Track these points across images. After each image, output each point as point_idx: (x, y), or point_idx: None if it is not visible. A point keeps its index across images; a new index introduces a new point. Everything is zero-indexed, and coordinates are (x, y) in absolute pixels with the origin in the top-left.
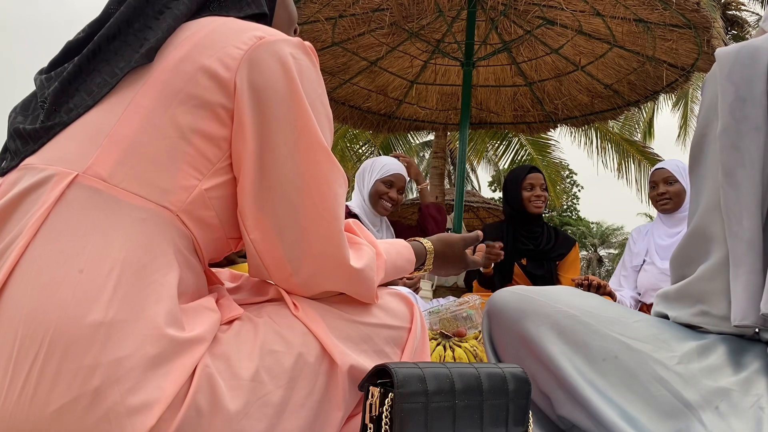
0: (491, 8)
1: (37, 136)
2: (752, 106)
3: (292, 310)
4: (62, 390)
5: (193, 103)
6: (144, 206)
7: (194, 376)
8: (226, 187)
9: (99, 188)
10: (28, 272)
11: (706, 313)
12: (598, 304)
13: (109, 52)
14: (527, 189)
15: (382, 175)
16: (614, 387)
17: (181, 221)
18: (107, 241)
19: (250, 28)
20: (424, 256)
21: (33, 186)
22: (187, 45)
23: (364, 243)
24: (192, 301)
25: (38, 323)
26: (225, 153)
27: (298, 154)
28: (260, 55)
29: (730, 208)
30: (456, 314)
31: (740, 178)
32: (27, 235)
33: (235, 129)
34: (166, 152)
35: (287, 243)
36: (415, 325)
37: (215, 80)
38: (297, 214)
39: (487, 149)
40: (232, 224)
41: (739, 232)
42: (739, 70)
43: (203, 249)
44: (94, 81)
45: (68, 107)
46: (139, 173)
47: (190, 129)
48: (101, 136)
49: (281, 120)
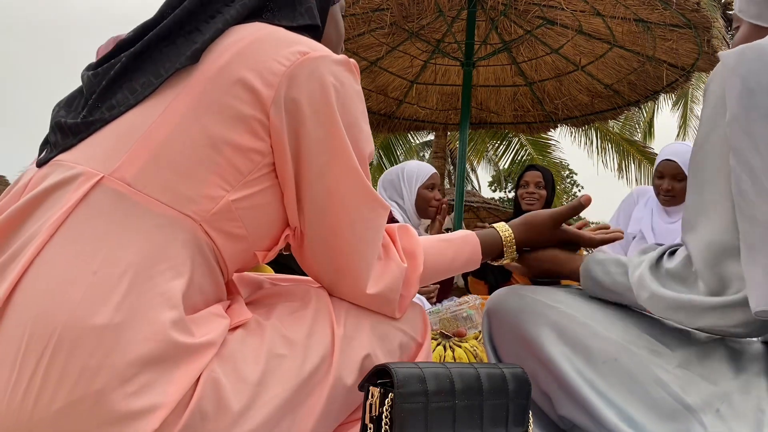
0: (491, 8)
1: (78, 130)
2: (761, 96)
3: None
4: (66, 390)
5: (228, 113)
6: (165, 213)
7: (200, 381)
8: (255, 199)
9: (123, 192)
10: (42, 272)
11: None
12: (597, 305)
13: (157, 52)
14: (522, 186)
15: (423, 181)
16: (615, 389)
17: (203, 230)
18: (123, 244)
19: (296, 41)
20: (500, 246)
21: (59, 184)
22: (230, 53)
23: (395, 260)
24: (205, 308)
25: (46, 323)
26: (257, 165)
27: (329, 176)
28: (302, 73)
29: (744, 191)
30: (456, 314)
31: (754, 163)
32: (45, 234)
33: (275, 147)
34: (195, 160)
35: (319, 258)
36: (426, 342)
37: (253, 94)
38: (325, 234)
39: (487, 149)
40: (260, 236)
41: (756, 215)
42: (745, 64)
43: (227, 260)
44: (138, 80)
45: (110, 104)
46: (165, 179)
47: (223, 140)
48: (133, 138)
49: (315, 141)
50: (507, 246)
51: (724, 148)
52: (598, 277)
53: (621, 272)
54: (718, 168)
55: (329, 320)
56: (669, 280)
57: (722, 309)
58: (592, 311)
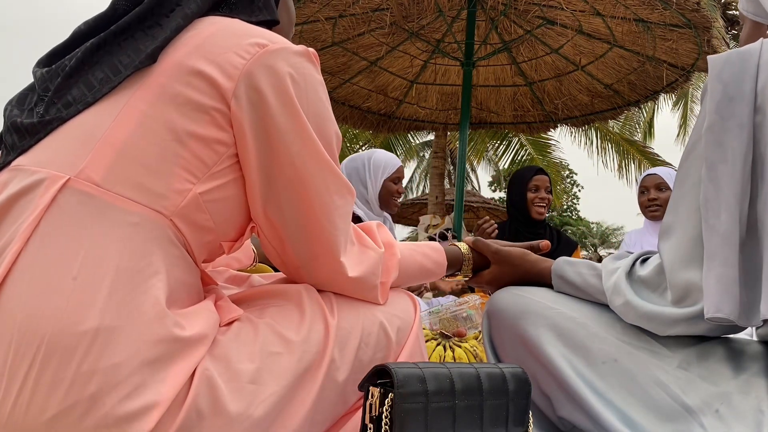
0: (491, 8)
1: (34, 131)
2: (739, 104)
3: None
4: (59, 397)
5: (189, 106)
6: (137, 211)
7: (194, 379)
8: (222, 191)
9: (91, 193)
10: (21, 280)
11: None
12: (597, 306)
13: (114, 45)
14: (532, 190)
15: (390, 173)
16: (614, 390)
17: (174, 225)
18: (100, 247)
19: (253, 33)
20: (460, 259)
21: (24, 190)
22: (188, 46)
23: (371, 247)
24: (189, 302)
25: (33, 331)
26: (221, 156)
27: (299, 166)
28: (262, 66)
29: (709, 202)
30: (456, 314)
31: (721, 173)
32: (19, 241)
33: (237, 138)
34: (160, 156)
35: (295, 248)
36: (416, 324)
37: (212, 85)
38: (300, 224)
39: (487, 149)
40: (227, 227)
41: (715, 225)
42: (728, 70)
43: (195, 251)
44: (95, 75)
45: (67, 101)
46: (133, 177)
47: (186, 132)
48: (95, 137)
49: (283, 132)
50: (465, 261)
51: (702, 159)
52: (568, 276)
53: (593, 274)
54: (698, 177)
55: (322, 314)
56: (641, 287)
57: (689, 320)
58: (592, 312)
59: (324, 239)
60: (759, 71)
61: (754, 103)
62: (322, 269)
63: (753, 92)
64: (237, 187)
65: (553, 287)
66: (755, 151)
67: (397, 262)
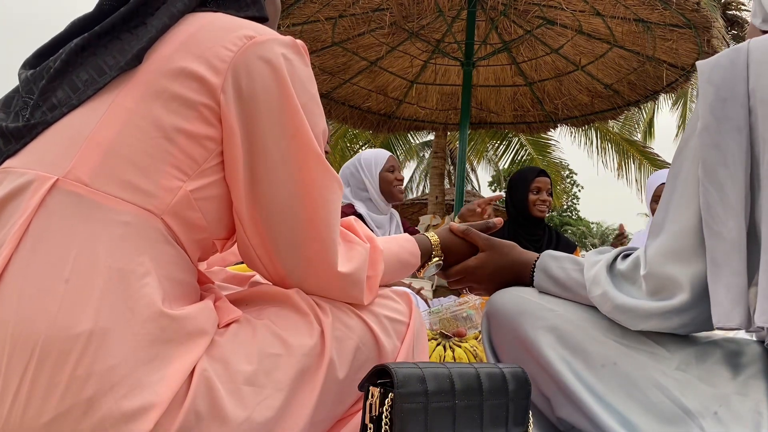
0: (491, 8)
1: (20, 135)
2: (733, 106)
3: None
4: (55, 401)
5: (177, 102)
6: (127, 210)
7: (192, 380)
8: (213, 188)
9: (80, 193)
10: (14, 283)
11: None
12: (595, 308)
13: (99, 47)
14: (534, 192)
15: (382, 165)
16: (613, 393)
17: (164, 223)
18: (91, 248)
19: (240, 26)
20: (429, 246)
21: (13, 192)
22: (175, 44)
23: (357, 242)
24: (186, 301)
25: (27, 335)
26: (211, 153)
27: (290, 161)
28: (250, 58)
29: (712, 207)
30: (456, 314)
31: (722, 178)
32: (10, 245)
33: (225, 134)
34: (148, 154)
35: (281, 248)
36: (413, 321)
37: (200, 82)
38: (290, 221)
39: (487, 149)
40: (219, 226)
41: (722, 232)
42: (719, 73)
43: (188, 249)
44: (80, 77)
45: (52, 104)
46: (121, 176)
47: (174, 129)
48: (81, 138)
49: (272, 126)
50: (434, 246)
51: (697, 156)
52: (552, 271)
53: (576, 269)
54: (689, 175)
55: (319, 315)
56: (620, 280)
57: (662, 315)
58: (591, 315)
59: (316, 237)
60: (749, 72)
61: (748, 105)
62: (314, 271)
63: (746, 94)
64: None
65: (534, 282)
66: (751, 153)
67: (381, 254)
